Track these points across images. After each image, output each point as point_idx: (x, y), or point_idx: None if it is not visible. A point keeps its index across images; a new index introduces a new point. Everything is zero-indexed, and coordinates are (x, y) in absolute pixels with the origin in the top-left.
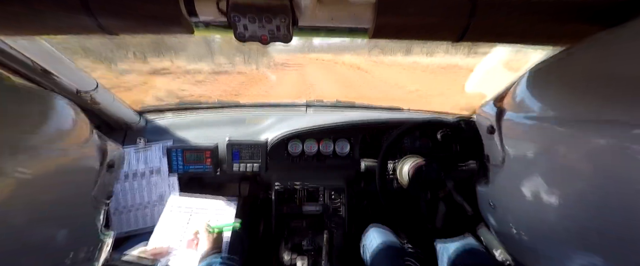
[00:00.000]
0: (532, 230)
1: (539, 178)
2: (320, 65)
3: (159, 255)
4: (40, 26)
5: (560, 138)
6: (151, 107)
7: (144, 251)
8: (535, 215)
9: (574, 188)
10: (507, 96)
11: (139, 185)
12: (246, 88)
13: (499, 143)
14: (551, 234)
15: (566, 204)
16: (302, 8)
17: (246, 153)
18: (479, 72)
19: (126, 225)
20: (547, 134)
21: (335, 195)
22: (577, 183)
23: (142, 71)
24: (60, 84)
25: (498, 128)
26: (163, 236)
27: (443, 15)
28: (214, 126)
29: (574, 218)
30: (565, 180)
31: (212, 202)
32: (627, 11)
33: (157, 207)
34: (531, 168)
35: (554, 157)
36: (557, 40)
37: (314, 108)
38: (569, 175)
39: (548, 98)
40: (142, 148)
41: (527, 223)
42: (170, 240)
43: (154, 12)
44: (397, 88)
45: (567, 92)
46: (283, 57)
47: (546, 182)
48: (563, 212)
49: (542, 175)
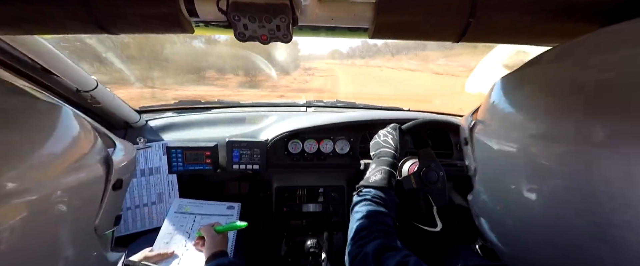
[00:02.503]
0: (508, 238)
1: (504, 192)
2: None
3: (162, 259)
4: (40, 26)
5: (526, 153)
6: (151, 106)
7: (147, 258)
8: (510, 224)
9: (538, 198)
10: (480, 107)
11: (138, 184)
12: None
13: (472, 154)
14: (525, 243)
15: (532, 215)
16: (302, 7)
17: (246, 152)
18: (479, 72)
19: (124, 224)
20: (511, 148)
21: (335, 194)
22: (540, 193)
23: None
24: (60, 83)
25: (470, 139)
26: (167, 240)
27: (443, 15)
28: (214, 125)
29: (543, 227)
30: (528, 191)
31: (215, 207)
32: (627, 11)
33: (155, 206)
34: (497, 180)
35: (517, 171)
36: (557, 40)
37: (313, 108)
38: (531, 187)
39: (513, 110)
40: (142, 148)
41: (503, 231)
42: (174, 244)
43: (154, 12)
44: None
45: (531, 104)
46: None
47: (511, 195)
48: (532, 223)
49: (505, 188)
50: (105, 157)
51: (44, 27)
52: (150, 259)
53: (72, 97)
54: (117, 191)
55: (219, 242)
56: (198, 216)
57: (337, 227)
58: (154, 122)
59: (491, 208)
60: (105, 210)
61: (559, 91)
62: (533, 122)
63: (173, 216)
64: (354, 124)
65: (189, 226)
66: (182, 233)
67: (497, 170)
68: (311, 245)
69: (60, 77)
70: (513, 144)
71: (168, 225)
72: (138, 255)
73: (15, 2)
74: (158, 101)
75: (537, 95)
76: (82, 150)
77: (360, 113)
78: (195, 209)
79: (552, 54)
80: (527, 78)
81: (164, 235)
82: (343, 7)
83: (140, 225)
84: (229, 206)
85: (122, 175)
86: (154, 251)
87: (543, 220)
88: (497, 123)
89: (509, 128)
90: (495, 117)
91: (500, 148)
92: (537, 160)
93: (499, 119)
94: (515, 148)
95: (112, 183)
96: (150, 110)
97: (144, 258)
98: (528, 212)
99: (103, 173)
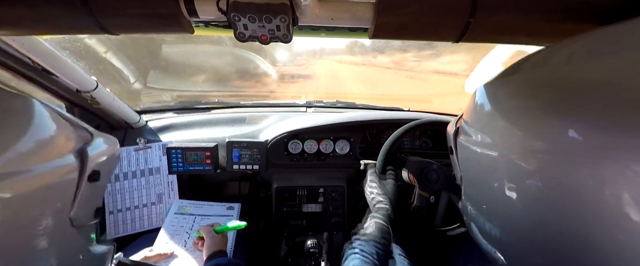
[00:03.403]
0: (497, 244)
1: (487, 196)
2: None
3: (162, 259)
4: (40, 26)
5: (502, 163)
6: (151, 106)
7: (147, 258)
8: (496, 229)
9: (519, 200)
10: (464, 114)
11: (138, 185)
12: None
13: (457, 162)
14: (515, 249)
15: (515, 219)
16: (302, 7)
17: (246, 152)
18: (479, 72)
19: (123, 225)
20: (489, 158)
21: (335, 194)
22: (521, 195)
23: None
24: (60, 84)
25: (454, 147)
26: (167, 240)
27: (443, 15)
28: (214, 126)
29: (527, 231)
30: (509, 193)
31: (215, 207)
32: (627, 11)
33: (155, 207)
34: (480, 186)
35: (498, 174)
36: (557, 40)
37: (313, 108)
38: (512, 189)
39: (492, 119)
40: (142, 148)
41: (492, 237)
42: (174, 244)
43: (154, 12)
44: None
45: (511, 108)
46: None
47: (494, 199)
48: (516, 227)
49: (488, 193)
50: (80, 149)
51: (44, 27)
52: (149, 259)
53: (72, 98)
54: (94, 183)
55: (218, 242)
56: (198, 217)
57: (337, 227)
58: (154, 123)
59: (477, 214)
60: (80, 202)
61: (538, 94)
62: (514, 127)
63: (173, 217)
64: (354, 124)
65: (188, 226)
66: (182, 234)
67: (479, 175)
68: (311, 245)
69: (60, 77)
70: (494, 149)
71: (168, 226)
72: (138, 255)
73: (16, 3)
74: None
75: (518, 99)
76: (52, 141)
77: (360, 113)
78: (195, 210)
79: (530, 60)
80: (508, 83)
81: (164, 236)
82: (343, 7)
83: (139, 226)
84: (228, 206)
85: (100, 167)
86: (153, 251)
87: (526, 224)
88: (478, 128)
89: (490, 133)
90: (477, 123)
91: (482, 153)
92: (517, 164)
93: (480, 125)
94: (496, 153)
95: (88, 175)
96: (150, 111)
97: (143, 258)
98: (511, 216)
99: (77, 164)
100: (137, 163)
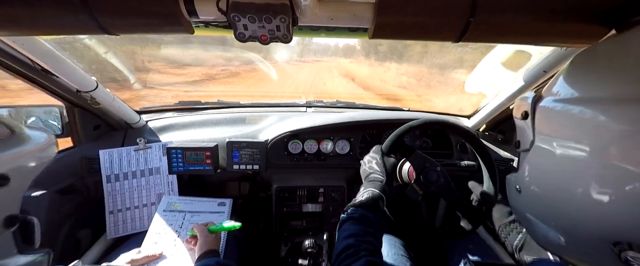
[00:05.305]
0: (556, 213)
1: (569, 161)
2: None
3: (150, 261)
4: (40, 26)
5: (601, 118)
6: (151, 107)
7: (134, 260)
8: (561, 198)
9: (609, 172)
10: (548, 84)
11: (138, 185)
12: None
13: (531, 127)
14: (577, 220)
15: (599, 189)
16: (302, 8)
17: (246, 152)
18: (479, 71)
19: (123, 225)
20: (585, 114)
21: (335, 195)
22: (612, 167)
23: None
24: (60, 84)
25: (532, 112)
26: (156, 239)
27: (443, 15)
28: (214, 126)
29: (606, 206)
30: (598, 163)
31: (206, 204)
32: (627, 11)
33: (155, 207)
34: (562, 149)
35: (590, 138)
36: (557, 39)
37: (313, 108)
38: (602, 158)
39: (592, 79)
40: (142, 148)
41: (552, 206)
42: (163, 243)
43: (154, 12)
44: None
45: (615, 72)
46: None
47: (576, 165)
48: (593, 199)
49: (572, 157)
50: None
51: (44, 27)
52: (137, 262)
53: (72, 98)
54: (2, 186)
55: (211, 242)
56: (188, 214)
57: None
58: (154, 123)
59: (543, 180)
60: None
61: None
62: (625, 86)
63: (162, 215)
64: (354, 124)
65: (178, 224)
66: (171, 232)
67: (566, 136)
68: (309, 245)
69: (60, 77)
70: (596, 106)
71: (156, 224)
72: (125, 256)
73: (16, 3)
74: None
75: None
76: None
77: (360, 113)
78: (185, 206)
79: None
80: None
81: (152, 235)
82: (343, 7)
83: (139, 226)
84: (220, 202)
85: (7, 170)
86: (141, 253)
87: (612, 188)
88: (579, 88)
89: (595, 92)
90: (575, 86)
91: (578, 115)
92: (619, 126)
93: (580, 86)
94: (599, 111)
95: None
96: (150, 111)
97: (131, 260)
98: (598, 181)
99: None
100: (137, 163)
